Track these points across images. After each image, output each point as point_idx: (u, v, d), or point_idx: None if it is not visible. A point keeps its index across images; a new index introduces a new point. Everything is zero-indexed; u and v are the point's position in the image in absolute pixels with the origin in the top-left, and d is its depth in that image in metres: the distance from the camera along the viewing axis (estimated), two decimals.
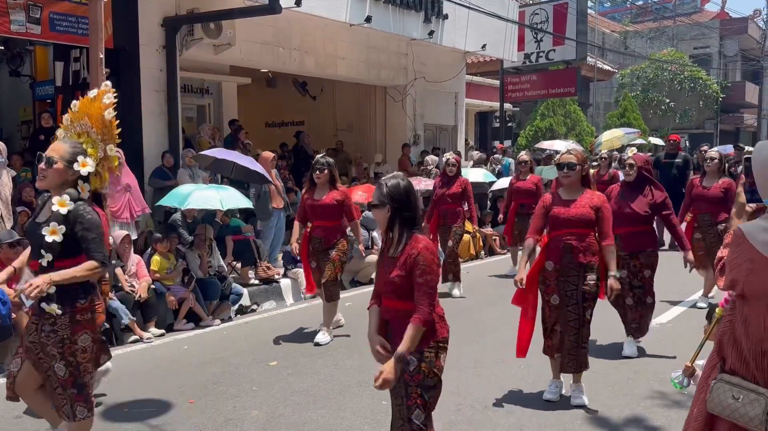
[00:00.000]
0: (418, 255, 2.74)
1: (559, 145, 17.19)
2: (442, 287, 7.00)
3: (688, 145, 24.00)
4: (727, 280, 2.31)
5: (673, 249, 8.18)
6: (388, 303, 2.92)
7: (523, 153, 9.97)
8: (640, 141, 17.41)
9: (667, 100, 28.23)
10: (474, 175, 12.42)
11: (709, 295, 6.95)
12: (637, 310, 5.45)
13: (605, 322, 6.18)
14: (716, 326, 3.08)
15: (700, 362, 3.11)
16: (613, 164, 14.76)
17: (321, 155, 6.30)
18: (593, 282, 4.26)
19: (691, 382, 3.01)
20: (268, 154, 8.90)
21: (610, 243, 4.31)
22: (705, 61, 31.86)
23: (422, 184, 11.37)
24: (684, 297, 7.32)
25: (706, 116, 30.36)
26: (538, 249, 4.55)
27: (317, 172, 5.92)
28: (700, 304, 6.85)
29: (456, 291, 8.02)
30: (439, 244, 8.02)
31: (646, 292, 5.45)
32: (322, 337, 5.94)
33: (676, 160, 11.11)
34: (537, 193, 8.90)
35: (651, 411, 4.29)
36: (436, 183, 8.34)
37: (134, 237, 7.06)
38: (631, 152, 5.92)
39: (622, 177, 13.69)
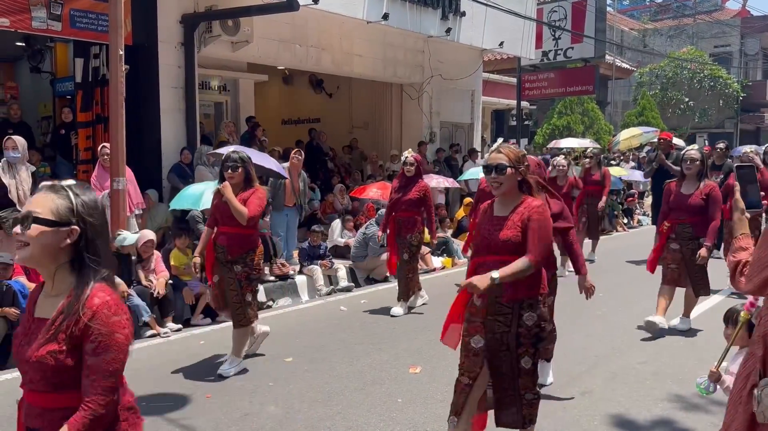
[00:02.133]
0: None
1: (575, 143, 17.10)
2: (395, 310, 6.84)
3: (706, 143, 23.70)
4: (758, 280, 2.16)
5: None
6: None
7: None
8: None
9: (687, 99, 27.92)
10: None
11: (681, 326, 6.04)
12: None
13: (622, 322, 6.14)
14: (741, 331, 3.04)
15: (724, 364, 3.07)
16: (616, 162, 14.53)
17: (232, 150, 5.24)
18: (532, 323, 3.20)
19: (717, 387, 2.97)
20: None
21: (531, 260, 3.13)
22: (725, 59, 31.45)
23: (447, 182, 11.34)
24: (701, 299, 7.22)
25: (726, 115, 29.99)
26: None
27: (228, 170, 4.91)
28: (680, 326, 6.02)
29: (398, 310, 6.82)
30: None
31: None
32: (226, 368, 4.98)
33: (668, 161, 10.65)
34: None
35: (669, 413, 4.24)
36: (393, 186, 7.11)
37: (134, 231, 7.01)
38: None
39: (620, 175, 13.52)
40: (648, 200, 14.82)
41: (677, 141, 19.97)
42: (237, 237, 4.92)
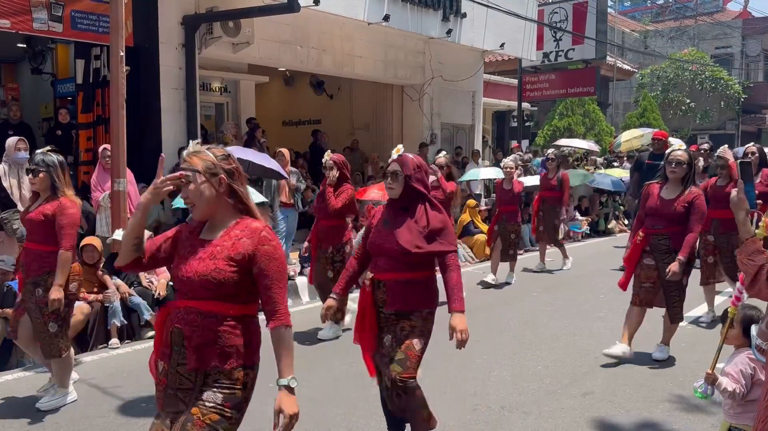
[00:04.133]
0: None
1: (578, 143, 17.09)
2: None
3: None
4: None
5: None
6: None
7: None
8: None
9: (688, 101, 27.90)
10: (486, 173, 12.40)
11: (660, 356, 5.31)
12: None
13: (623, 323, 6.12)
14: (736, 330, 3.03)
15: (720, 365, 3.07)
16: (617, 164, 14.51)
17: (41, 151, 4.37)
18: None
19: (715, 390, 2.96)
20: (284, 150, 8.93)
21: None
22: (727, 61, 31.44)
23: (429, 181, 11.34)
24: (703, 300, 7.21)
25: (728, 117, 29.97)
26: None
27: (30, 175, 4.25)
28: (657, 355, 5.30)
29: (326, 332, 6.07)
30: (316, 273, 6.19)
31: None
32: (45, 402, 4.34)
33: (662, 162, 10.25)
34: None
35: (669, 415, 4.23)
36: (325, 192, 6.10)
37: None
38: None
39: (599, 180, 13.37)
40: None
41: (676, 141, 19.99)
42: (36, 256, 4.21)
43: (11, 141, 6.59)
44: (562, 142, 17.05)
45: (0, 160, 6.74)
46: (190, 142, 2.47)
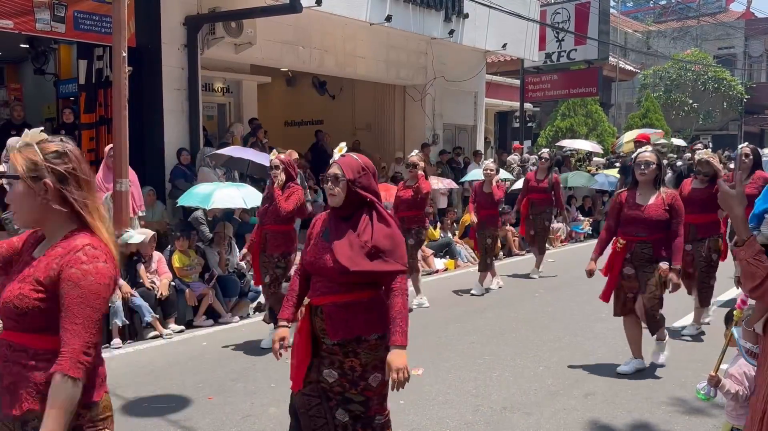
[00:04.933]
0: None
1: (580, 144, 17.07)
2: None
3: (711, 146, 23.68)
4: None
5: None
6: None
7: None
8: (662, 141, 17.22)
9: (690, 101, 27.87)
10: None
11: (661, 359, 5.07)
12: None
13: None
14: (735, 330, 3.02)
15: (724, 367, 3.06)
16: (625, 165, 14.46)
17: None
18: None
19: (718, 392, 2.95)
20: (290, 151, 8.92)
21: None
22: (729, 61, 31.40)
23: (443, 184, 11.35)
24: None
25: (730, 117, 29.94)
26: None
27: None
28: (624, 368, 4.97)
29: (267, 341, 5.59)
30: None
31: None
32: None
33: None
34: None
35: (671, 416, 4.23)
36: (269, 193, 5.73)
37: (138, 232, 6.97)
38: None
39: (586, 183, 13.17)
40: None
41: (678, 141, 19.99)
42: None
43: (14, 141, 6.57)
44: (565, 142, 17.04)
45: (0, 160, 6.75)
46: (29, 130, 1.95)
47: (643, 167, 4.70)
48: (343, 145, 2.93)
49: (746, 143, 6.70)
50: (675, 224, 4.67)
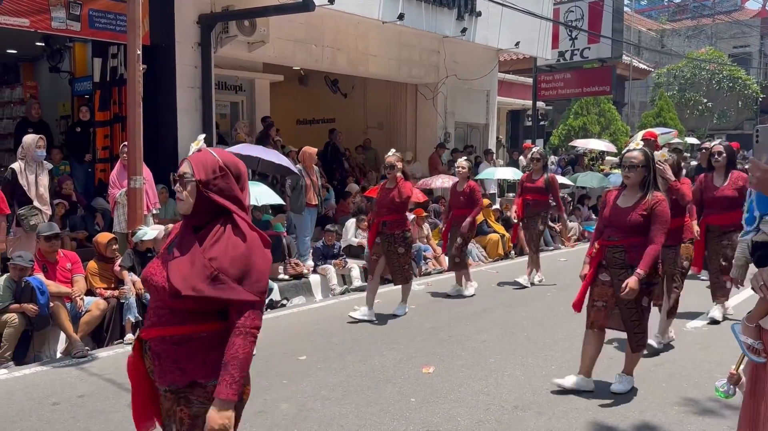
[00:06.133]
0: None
1: (594, 143, 16.99)
2: None
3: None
4: None
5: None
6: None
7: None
8: (676, 140, 17.11)
9: (705, 100, 27.65)
10: (502, 173, 12.38)
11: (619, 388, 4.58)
12: None
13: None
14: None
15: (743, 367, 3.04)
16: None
17: None
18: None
19: (737, 390, 2.93)
20: (311, 150, 8.95)
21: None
22: (744, 60, 31.10)
23: (439, 181, 11.32)
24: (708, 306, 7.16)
25: (745, 117, 29.65)
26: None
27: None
28: (616, 387, 4.58)
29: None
30: None
31: None
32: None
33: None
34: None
35: (684, 416, 4.20)
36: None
37: (151, 228, 7.03)
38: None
39: (572, 181, 12.91)
40: None
41: (693, 140, 19.82)
42: None
43: (31, 138, 6.67)
44: (579, 142, 16.97)
45: (15, 157, 6.83)
46: None
47: (627, 169, 4.34)
48: (201, 137, 2.38)
49: (719, 140, 6.58)
50: (654, 230, 4.27)
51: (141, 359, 2.28)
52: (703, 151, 8.06)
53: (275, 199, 7.45)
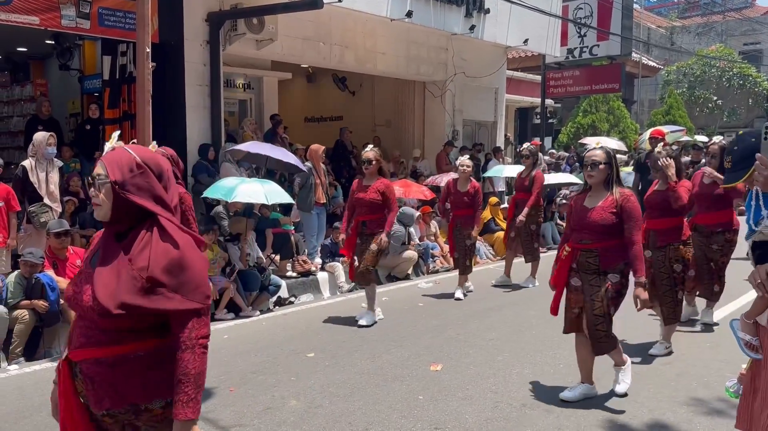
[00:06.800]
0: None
1: (606, 142, 16.90)
2: None
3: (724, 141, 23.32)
4: None
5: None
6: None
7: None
8: (686, 138, 17.01)
9: (715, 98, 27.48)
10: (511, 170, 12.32)
11: (620, 388, 4.42)
12: None
13: (644, 322, 6.06)
14: None
15: None
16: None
17: None
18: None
19: None
20: (317, 147, 8.96)
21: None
22: (755, 57, 30.87)
23: (446, 179, 11.27)
24: (730, 299, 7.11)
25: (756, 114, 29.43)
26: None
27: None
28: (566, 394, 4.39)
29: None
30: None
31: None
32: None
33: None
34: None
35: (693, 415, 4.18)
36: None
37: None
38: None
39: (561, 180, 12.69)
40: None
41: (702, 138, 19.68)
42: None
43: (42, 136, 6.71)
44: (589, 140, 16.89)
45: (26, 154, 6.88)
46: None
47: (590, 168, 4.15)
48: (115, 134, 2.12)
49: (721, 137, 6.43)
50: (628, 229, 4.04)
51: (71, 382, 2.04)
52: (706, 147, 7.81)
53: (285, 197, 7.44)
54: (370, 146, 6.60)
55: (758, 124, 29.79)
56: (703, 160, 8.03)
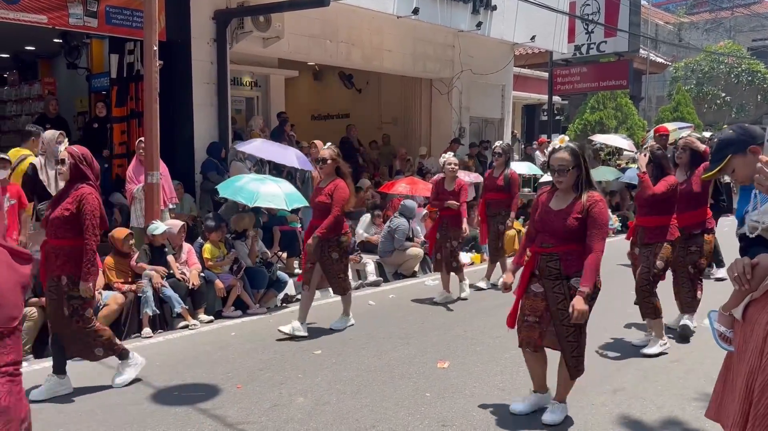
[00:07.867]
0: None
1: (614, 140, 16.84)
2: None
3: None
4: None
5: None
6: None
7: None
8: (695, 135, 16.89)
9: (723, 94, 27.32)
10: (517, 168, 12.29)
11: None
12: None
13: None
14: None
15: None
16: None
17: None
18: None
19: None
20: (321, 145, 8.96)
21: None
22: (764, 53, 30.64)
23: (469, 178, 11.30)
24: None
25: (764, 111, 29.24)
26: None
27: None
28: (547, 417, 4.02)
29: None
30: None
31: None
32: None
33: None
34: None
35: (700, 414, 4.14)
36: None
37: (166, 223, 7.03)
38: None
39: (544, 179, 12.47)
40: None
41: (709, 135, 19.56)
42: None
43: (51, 134, 6.74)
44: (598, 138, 16.82)
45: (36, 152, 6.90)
46: None
47: (557, 174, 3.82)
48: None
49: (711, 133, 6.20)
50: (590, 236, 3.73)
51: None
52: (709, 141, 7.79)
53: (303, 201, 7.39)
54: (329, 144, 6.15)
55: (767, 120, 29.63)
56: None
